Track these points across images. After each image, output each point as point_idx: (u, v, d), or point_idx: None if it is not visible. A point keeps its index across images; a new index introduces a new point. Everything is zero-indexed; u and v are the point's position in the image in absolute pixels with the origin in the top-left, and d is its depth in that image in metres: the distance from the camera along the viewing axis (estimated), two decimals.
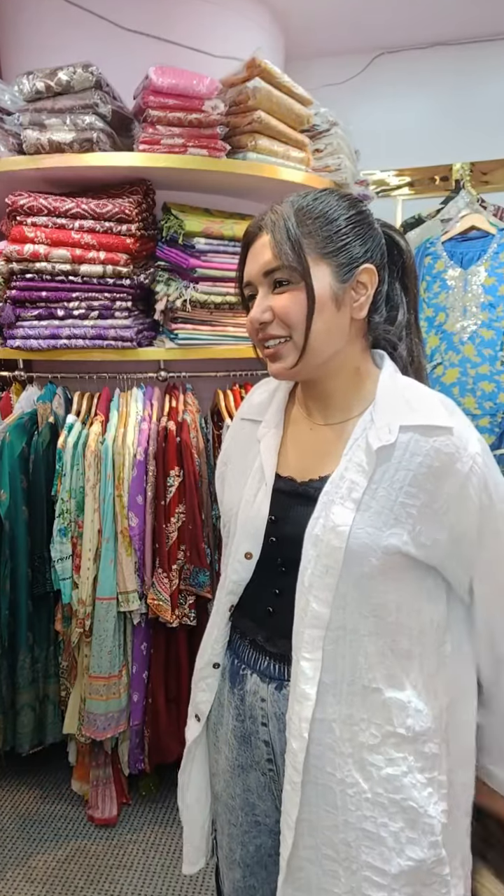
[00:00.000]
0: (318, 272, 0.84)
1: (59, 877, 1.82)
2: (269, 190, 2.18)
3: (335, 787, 0.85)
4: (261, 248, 0.87)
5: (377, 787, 0.84)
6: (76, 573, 1.89)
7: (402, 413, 0.84)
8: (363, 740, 0.84)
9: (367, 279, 0.87)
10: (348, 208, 0.87)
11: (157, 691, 1.96)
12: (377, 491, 0.83)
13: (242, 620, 1.00)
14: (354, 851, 0.84)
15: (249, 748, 1.00)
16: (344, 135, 2.32)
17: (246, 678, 0.99)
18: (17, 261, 1.88)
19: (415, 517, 0.82)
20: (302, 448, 0.95)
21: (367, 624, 0.84)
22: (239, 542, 0.96)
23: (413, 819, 0.84)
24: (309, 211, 0.86)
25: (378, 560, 0.82)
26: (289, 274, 0.84)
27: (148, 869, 1.85)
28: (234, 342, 2.04)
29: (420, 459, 0.81)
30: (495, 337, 2.21)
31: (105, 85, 1.86)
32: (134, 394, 2.04)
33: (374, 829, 0.84)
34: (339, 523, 0.83)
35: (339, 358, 0.89)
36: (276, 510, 0.93)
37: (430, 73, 2.70)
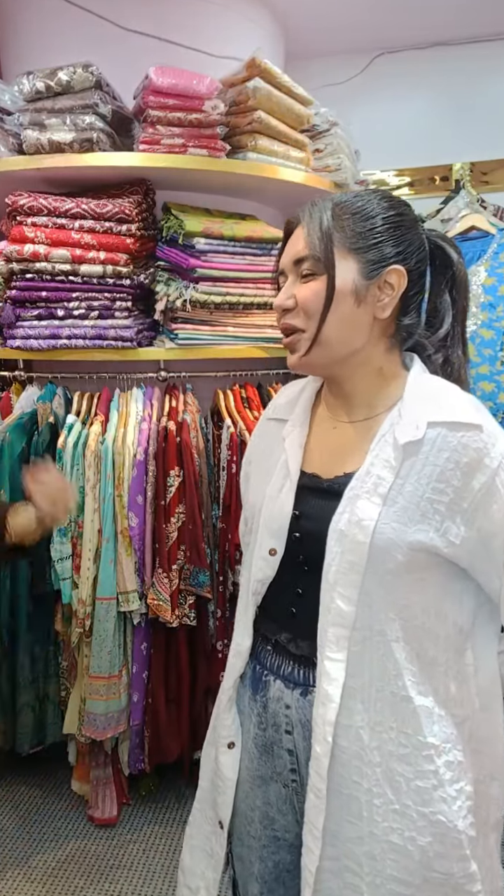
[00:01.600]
0: (343, 266, 0.85)
1: (59, 877, 1.82)
2: (269, 190, 2.18)
3: (361, 797, 0.83)
4: (296, 238, 0.89)
5: (406, 798, 0.82)
6: (76, 573, 1.89)
7: (430, 409, 0.83)
8: (392, 749, 0.82)
9: (395, 280, 0.86)
10: (388, 209, 0.88)
11: (157, 691, 1.96)
12: (404, 486, 0.82)
13: (264, 622, 0.99)
14: (380, 865, 0.82)
15: (271, 758, 0.97)
16: (344, 135, 2.32)
17: (269, 684, 0.96)
18: (17, 261, 1.88)
19: (442, 513, 0.81)
20: (326, 445, 0.95)
21: (395, 627, 0.82)
22: (262, 538, 0.95)
23: (442, 833, 0.82)
24: (347, 206, 0.87)
25: (404, 556, 0.81)
26: (314, 265, 0.86)
27: (148, 869, 1.85)
28: (234, 342, 2.04)
29: (447, 455, 0.80)
30: (495, 337, 2.21)
31: (105, 85, 1.86)
32: (134, 394, 2.04)
33: (401, 842, 0.82)
34: (364, 518, 0.82)
35: (360, 356, 0.89)
36: (299, 506, 0.93)
37: (430, 73, 2.69)
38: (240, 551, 1.94)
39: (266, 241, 2.05)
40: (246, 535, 1.06)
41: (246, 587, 0.99)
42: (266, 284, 2.07)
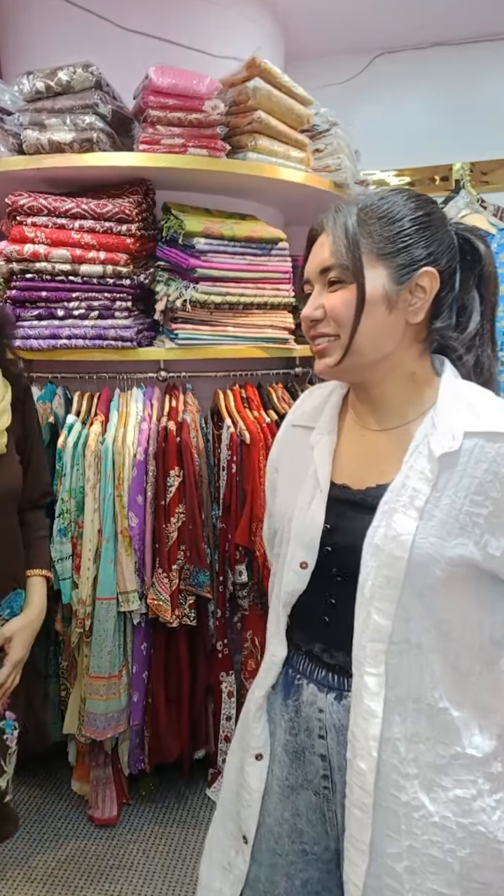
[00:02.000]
0: (372, 273, 0.83)
1: (59, 877, 1.82)
2: (269, 190, 2.18)
3: (399, 810, 0.82)
4: (320, 246, 0.87)
5: (445, 810, 0.81)
6: (76, 573, 1.89)
7: (465, 418, 0.81)
8: (429, 760, 0.81)
9: (426, 283, 0.84)
10: (415, 209, 0.85)
11: (157, 691, 1.96)
12: (441, 499, 0.80)
13: (297, 632, 0.97)
14: (419, 878, 0.81)
15: (302, 765, 0.95)
16: (344, 135, 2.32)
17: (301, 688, 0.95)
18: (17, 261, 1.88)
19: (482, 526, 0.79)
20: (356, 455, 0.93)
21: (431, 639, 0.81)
22: (294, 551, 0.93)
23: (482, 844, 0.81)
24: (372, 210, 0.84)
25: (443, 571, 0.79)
26: (342, 273, 0.83)
27: (148, 869, 1.85)
28: (234, 342, 2.04)
29: (486, 466, 0.78)
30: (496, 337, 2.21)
31: (105, 85, 1.86)
32: (134, 394, 2.04)
33: (441, 855, 0.81)
34: (401, 532, 0.80)
35: (391, 361, 0.87)
36: (331, 518, 0.91)
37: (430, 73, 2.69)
38: (239, 551, 1.95)
39: (266, 241, 2.05)
40: (274, 546, 1.03)
41: (277, 598, 0.98)
42: (266, 284, 2.07)
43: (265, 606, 2.04)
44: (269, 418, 2.06)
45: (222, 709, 2.06)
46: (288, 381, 2.35)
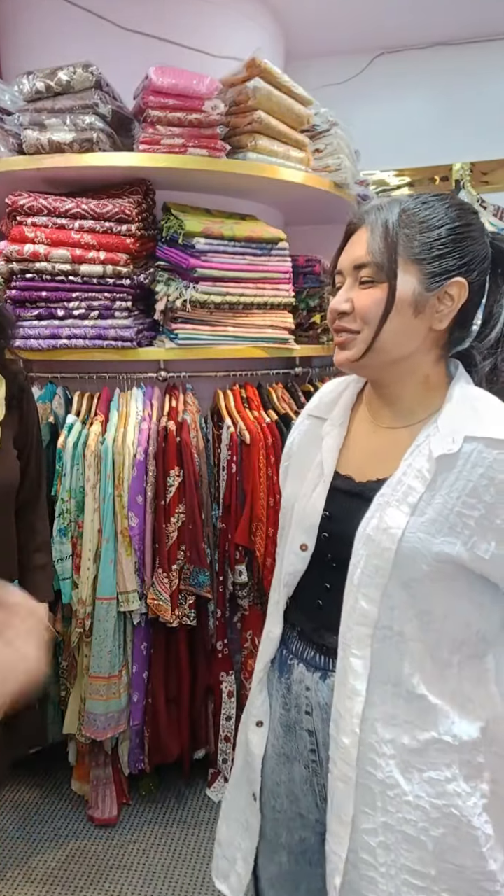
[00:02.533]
0: (405, 276, 0.84)
1: (59, 877, 1.82)
2: (269, 190, 2.18)
3: (375, 787, 0.85)
4: (357, 241, 0.87)
5: (419, 790, 0.84)
6: (76, 573, 1.89)
7: (468, 423, 0.83)
8: (405, 742, 0.85)
9: (456, 292, 0.85)
10: (455, 219, 0.85)
11: (157, 691, 1.96)
12: (434, 498, 0.83)
13: (294, 612, 1.02)
14: (394, 855, 0.84)
15: (294, 738, 1.01)
16: (344, 135, 2.32)
17: (293, 668, 1.01)
18: (17, 261, 1.88)
19: (472, 528, 0.81)
20: (364, 448, 0.96)
21: (413, 628, 0.84)
22: (294, 534, 0.98)
23: (455, 826, 0.83)
24: (414, 213, 0.85)
25: (428, 566, 0.82)
26: (376, 272, 0.85)
27: (148, 869, 1.85)
28: (234, 342, 2.04)
29: (482, 471, 0.80)
30: None
31: (105, 85, 1.86)
32: (134, 394, 2.04)
33: (415, 833, 0.84)
34: (391, 525, 0.83)
35: (409, 363, 0.89)
36: (331, 506, 0.95)
37: (430, 73, 2.69)
38: (239, 551, 1.95)
39: (266, 241, 2.05)
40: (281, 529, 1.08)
41: (278, 578, 1.03)
42: (266, 284, 2.07)
43: (265, 606, 2.03)
44: (269, 418, 2.06)
45: (222, 709, 2.06)
46: (288, 381, 2.35)
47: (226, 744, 2.08)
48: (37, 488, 1.46)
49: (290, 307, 2.17)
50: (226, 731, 2.07)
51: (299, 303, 2.29)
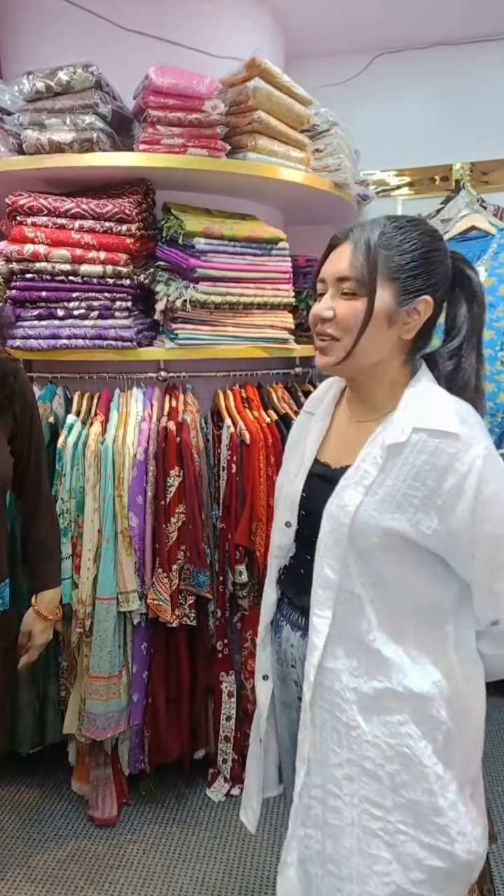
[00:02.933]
0: (382, 292, 0.96)
1: (59, 877, 1.82)
2: (269, 190, 2.19)
3: (341, 728, 1.00)
4: (341, 255, 0.99)
5: (376, 730, 0.97)
6: (76, 573, 1.89)
7: (417, 416, 0.95)
8: (365, 690, 0.98)
9: (423, 308, 0.98)
10: (427, 244, 0.98)
11: (157, 691, 1.96)
12: (385, 481, 0.95)
13: (285, 581, 1.19)
14: (356, 786, 0.98)
15: (287, 688, 1.18)
16: (344, 135, 2.32)
17: (282, 628, 1.17)
18: (17, 261, 1.88)
19: (416, 507, 0.93)
20: (341, 439, 1.10)
21: (370, 593, 0.98)
22: (280, 513, 1.15)
23: (407, 764, 0.96)
24: (391, 237, 0.97)
25: (378, 538, 0.95)
26: (357, 287, 0.96)
27: (148, 869, 1.85)
28: (234, 342, 2.04)
29: (425, 458, 0.92)
30: (495, 337, 2.21)
31: (105, 85, 1.86)
32: (134, 394, 2.04)
33: (373, 767, 0.97)
34: (348, 504, 0.97)
35: (380, 367, 1.01)
36: (308, 489, 1.10)
37: (430, 73, 2.69)
38: (239, 551, 1.96)
39: (266, 241, 2.05)
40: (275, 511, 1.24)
41: (270, 552, 1.20)
42: (266, 284, 2.07)
43: None
44: (269, 418, 2.06)
45: (222, 709, 2.06)
46: (288, 381, 2.35)
47: (226, 744, 2.08)
48: (38, 484, 1.48)
49: (290, 307, 2.17)
50: (226, 731, 2.07)
51: (299, 303, 2.29)
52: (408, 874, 0.95)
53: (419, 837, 0.95)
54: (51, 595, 1.49)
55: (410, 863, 0.95)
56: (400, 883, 0.95)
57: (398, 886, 0.95)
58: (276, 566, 1.18)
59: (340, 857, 0.99)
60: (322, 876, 1.02)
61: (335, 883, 1.00)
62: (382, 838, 0.96)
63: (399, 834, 0.96)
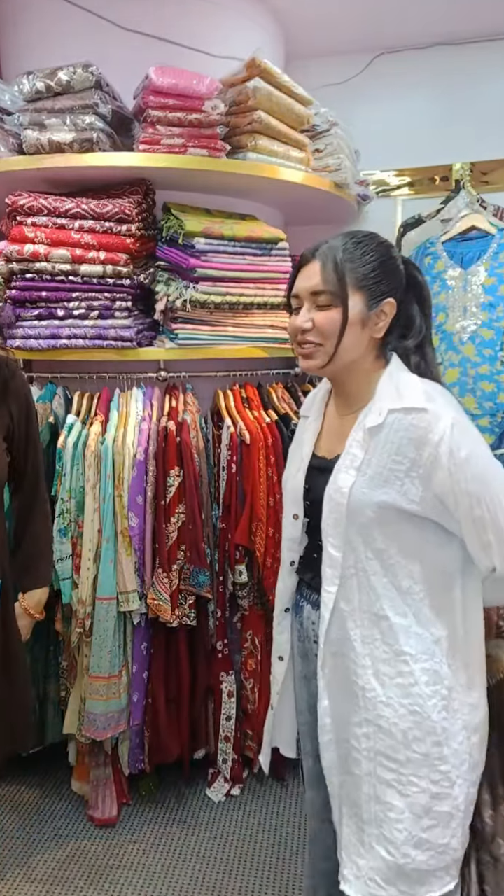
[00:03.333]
0: (353, 300, 1.09)
1: (59, 877, 1.82)
2: (269, 190, 2.18)
3: (358, 691, 1.11)
4: (312, 272, 1.11)
5: (390, 692, 1.08)
6: (76, 573, 1.89)
7: (391, 400, 1.08)
8: (378, 655, 1.09)
9: (388, 310, 1.12)
10: (384, 253, 1.12)
11: (157, 691, 1.96)
12: (371, 460, 1.08)
13: (303, 569, 1.30)
14: (372, 742, 1.10)
15: (308, 662, 1.29)
16: (344, 135, 2.32)
17: (303, 608, 1.29)
18: (17, 261, 1.88)
19: (401, 478, 1.05)
20: (332, 432, 1.23)
21: (373, 565, 1.09)
22: (288, 507, 1.28)
23: (419, 721, 1.07)
24: (353, 251, 1.10)
25: (373, 512, 1.07)
26: (331, 299, 1.09)
27: (148, 869, 1.85)
28: (234, 342, 2.04)
29: (402, 434, 1.05)
30: (495, 337, 2.21)
31: (105, 85, 1.86)
32: (134, 394, 2.04)
33: (387, 726, 1.08)
34: (342, 486, 1.10)
35: (356, 364, 1.15)
36: (309, 481, 1.23)
37: (430, 73, 2.69)
38: (239, 551, 1.96)
39: (266, 241, 2.05)
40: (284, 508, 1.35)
41: (283, 544, 1.31)
42: (266, 284, 2.07)
43: (265, 606, 2.05)
44: (269, 418, 2.06)
45: (222, 709, 2.06)
46: (288, 381, 2.35)
47: (226, 744, 2.08)
48: (35, 483, 1.49)
49: None
50: (226, 731, 2.07)
51: None
52: (418, 821, 1.07)
53: (430, 789, 1.07)
54: (39, 594, 1.51)
55: (420, 811, 1.07)
56: (412, 830, 1.07)
57: (410, 833, 1.07)
58: (288, 558, 1.29)
59: (361, 801, 1.12)
60: (349, 816, 1.15)
61: (358, 823, 1.13)
62: (395, 788, 1.08)
63: (411, 786, 1.08)
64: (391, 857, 1.08)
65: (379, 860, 1.09)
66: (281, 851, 1.91)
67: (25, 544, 1.49)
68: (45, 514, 1.54)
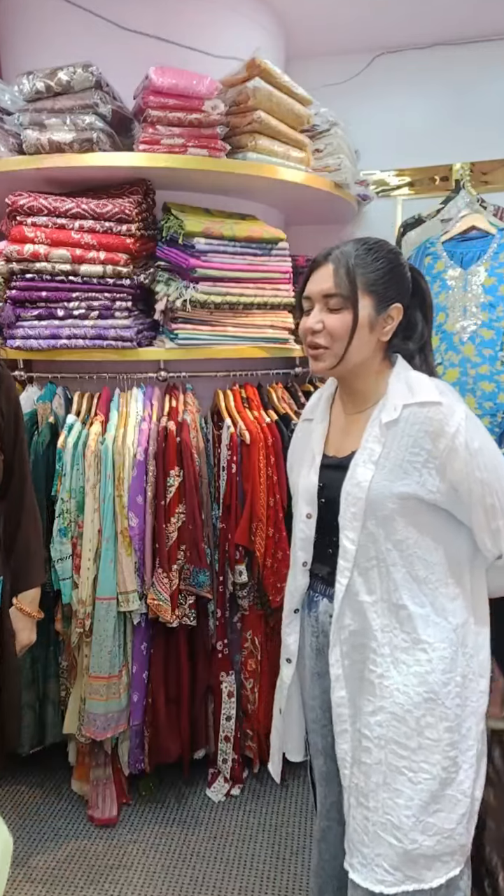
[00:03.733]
0: (362, 302, 1.13)
1: (59, 877, 1.82)
2: (269, 190, 2.18)
3: (375, 680, 1.13)
4: (324, 275, 1.15)
5: (406, 680, 1.11)
6: (76, 573, 1.89)
7: (404, 395, 1.13)
8: (397, 643, 1.13)
9: (395, 314, 1.18)
10: (393, 259, 1.16)
11: (157, 691, 1.96)
12: (389, 454, 1.12)
13: (315, 564, 1.30)
14: (384, 730, 1.12)
15: (323, 658, 1.27)
16: (344, 135, 2.32)
17: (318, 602, 1.29)
18: (17, 261, 1.88)
19: (419, 469, 1.10)
20: (341, 432, 1.26)
21: (393, 556, 1.12)
22: (300, 507, 1.28)
23: (432, 708, 1.11)
24: (364, 257, 1.14)
25: (394, 504, 1.11)
26: (342, 302, 1.13)
27: (148, 869, 1.85)
28: (234, 342, 2.04)
29: (418, 426, 1.10)
30: (495, 337, 2.21)
31: (105, 85, 1.86)
32: (134, 394, 2.04)
33: (402, 713, 1.11)
34: (361, 480, 1.13)
35: (364, 365, 1.19)
36: (322, 479, 1.25)
37: (430, 73, 2.69)
38: (239, 551, 1.96)
39: (266, 241, 2.05)
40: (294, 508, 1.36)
41: (294, 544, 1.31)
42: (266, 284, 2.07)
43: (265, 606, 2.05)
44: (269, 418, 2.06)
45: (222, 709, 2.06)
46: (288, 381, 2.35)
47: (226, 744, 2.08)
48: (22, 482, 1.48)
49: (290, 307, 2.17)
50: (226, 731, 2.07)
51: None
52: (426, 807, 1.10)
53: (439, 774, 1.10)
54: (33, 593, 1.49)
55: (428, 798, 1.10)
56: (419, 816, 1.10)
57: (417, 819, 1.10)
58: (301, 558, 1.30)
59: (369, 790, 1.13)
60: (356, 806, 1.16)
61: (363, 812, 1.14)
62: (406, 775, 1.11)
63: (422, 772, 1.10)
64: (399, 844, 1.10)
65: (385, 846, 1.11)
66: (281, 851, 1.91)
67: (18, 547, 1.46)
68: (35, 515, 1.51)
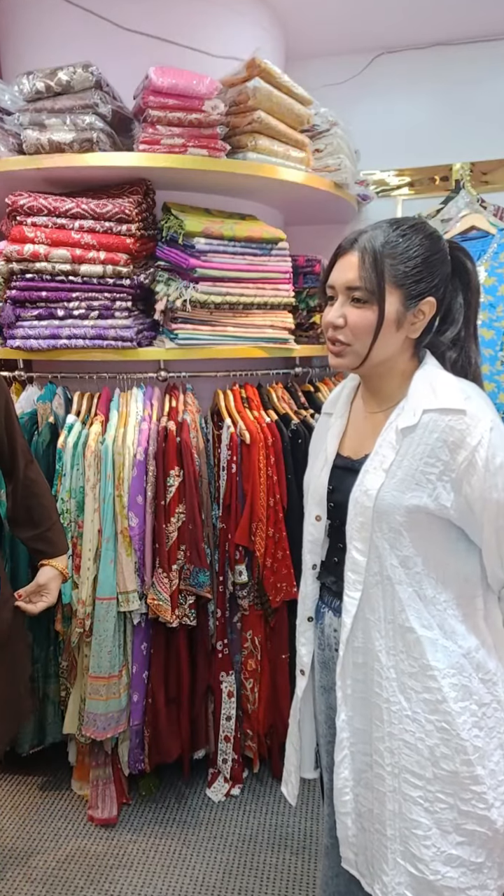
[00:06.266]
0: (390, 298, 1.02)
1: (59, 877, 1.82)
2: (269, 190, 2.18)
3: (381, 704, 1.06)
4: (349, 264, 1.03)
5: (416, 707, 1.03)
6: (76, 573, 1.89)
7: (426, 399, 1.02)
8: (403, 668, 1.04)
9: (427, 309, 1.05)
10: (429, 248, 1.03)
11: (157, 691, 1.96)
12: (402, 462, 1.02)
13: (322, 572, 1.24)
14: (397, 758, 1.04)
15: (329, 672, 1.22)
16: (344, 135, 2.32)
17: (325, 615, 1.22)
18: (17, 261, 1.88)
19: (433, 482, 1.00)
20: (359, 431, 1.17)
21: (398, 573, 1.03)
22: (310, 508, 1.21)
23: (446, 738, 1.01)
24: (395, 245, 1.02)
25: (402, 517, 1.01)
26: (367, 296, 1.02)
27: (148, 869, 1.85)
28: (234, 342, 2.04)
29: (437, 435, 0.99)
30: (495, 337, 2.21)
31: (105, 85, 1.86)
32: (134, 394, 2.04)
33: (413, 741, 1.03)
34: (369, 487, 1.04)
35: (390, 363, 1.09)
36: (333, 481, 1.16)
37: (430, 73, 2.69)
38: (239, 551, 1.96)
39: (266, 242, 2.05)
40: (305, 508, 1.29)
41: (304, 547, 1.25)
42: (266, 284, 2.07)
43: (265, 606, 2.05)
44: (269, 418, 2.06)
45: (222, 709, 2.06)
46: (288, 381, 2.35)
47: (226, 744, 2.08)
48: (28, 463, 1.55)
49: (290, 307, 2.17)
50: (226, 731, 2.07)
51: (299, 303, 2.29)
52: (446, 837, 1.02)
53: (458, 806, 1.02)
54: (65, 559, 1.59)
55: (449, 827, 1.02)
56: (440, 846, 1.02)
57: (438, 849, 1.02)
58: (310, 561, 1.23)
59: (385, 818, 1.07)
60: (372, 833, 1.10)
61: (382, 840, 1.08)
62: (422, 805, 1.03)
63: (438, 802, 1.02)
64: (420, 874, 1.03)
65: (405, 875, 1.05)
66: (281, 852, 1.91)
67: (41, 518, 1.55)
68: (47, 488, 1.59)
